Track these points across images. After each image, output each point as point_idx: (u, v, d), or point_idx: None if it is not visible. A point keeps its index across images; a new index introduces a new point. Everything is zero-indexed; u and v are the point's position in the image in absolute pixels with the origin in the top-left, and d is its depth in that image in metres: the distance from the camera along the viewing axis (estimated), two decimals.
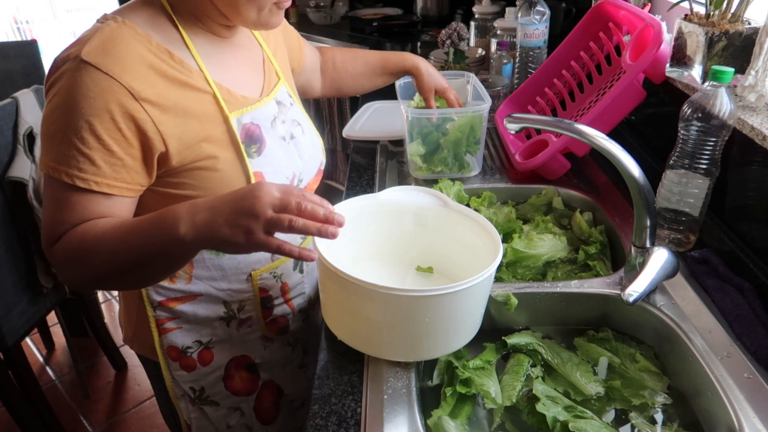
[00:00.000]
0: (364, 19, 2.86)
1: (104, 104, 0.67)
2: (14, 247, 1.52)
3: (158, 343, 0.91)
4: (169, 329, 0.90)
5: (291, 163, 0.89)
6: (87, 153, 0.68)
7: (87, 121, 0.67)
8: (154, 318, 0.89)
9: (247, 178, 0.80)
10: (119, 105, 0.68)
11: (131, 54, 0.70)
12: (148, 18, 0.75)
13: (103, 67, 0.67)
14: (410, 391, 0.73)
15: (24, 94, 1.58)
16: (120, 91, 0.68)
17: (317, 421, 0.70)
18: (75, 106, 0.67)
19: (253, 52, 0.90)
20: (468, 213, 0.87)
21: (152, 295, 0.88)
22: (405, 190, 0.92)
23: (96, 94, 0.67)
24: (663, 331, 0.84)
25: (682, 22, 1.00)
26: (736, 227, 0.95)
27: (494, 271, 0.74)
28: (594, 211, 1.14)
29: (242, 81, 0.84)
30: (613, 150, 0.77)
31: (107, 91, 0.67)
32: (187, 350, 0.92)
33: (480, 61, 1.89)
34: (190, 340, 0.92)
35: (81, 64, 0.67)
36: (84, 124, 0.67)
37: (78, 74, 0.67)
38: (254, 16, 0.75)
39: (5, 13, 3.27)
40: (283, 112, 0.90)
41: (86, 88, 0.67)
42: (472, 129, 1.21)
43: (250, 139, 0.82)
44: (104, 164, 0.70)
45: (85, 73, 0.67)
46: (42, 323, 2.19)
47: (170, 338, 0.90)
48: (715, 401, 0.72)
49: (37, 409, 1.73)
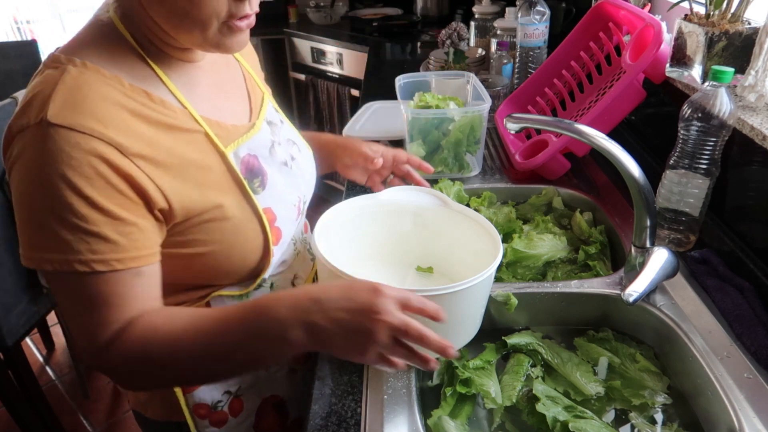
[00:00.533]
0: (364, 19, 2.87)
1: (93, 170, 0.57)
2: (14, 247, 1.52)
3: (184, 403, 0.80)
4: (196, 386, 0.80)
5: (295, 189, 0.82)
6: (93, 230, 0.58)
7: (79, 194, 0.57)
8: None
9: (258, 219, 0.73)
10: (110, 166, 0.58)
11: (106, 104, 0.59)
12: (110, 54, 0.63)
13: (79, 127, 0.57)
14: (410, 391, 0.73)
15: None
16: (107, 150, 0.58)
17: (317, 421, 0.70)
18: (57, 181, 0.56)
19: (231, 71, 0.80)
20: (468, 213, 0.87)
21: None
22: (405, 190, 0.92)
23: (80, 160, 0.56)
24: (663, 331, 0.84)
25: (682, 22, 1.00)
26: (736, 227, 0.95)
27: (494, 271, 0.74)
28: (594, 211, 1.14)
29: (228, 108, 0.75)
30: (613, 150, 0.77)
31: (92, 154, 0.57)
32: (218, 405, 0.82)
33: (480, 61, 1.89)
34: (219, 393, 0.82)
35: (50, 129, 0.56)
36: (77, 199, 0.57)
37: (50, 142, 0.56)
38: (200, 38, 0.63)
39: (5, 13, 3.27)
40: (277, 133, 0.81)
41: (66, 156, 0.56)
42: (472, 129, 1.21)
43: (252, 173, 0.73)
44: (118, 236, 0.60)
45: (59, 139, 0.56)
46: (42, 323, 2.18)
47: (197, 395, 0.80)
48: (715, 401, 0.72)
49: (37, 409, 1.73)
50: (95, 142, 0.57)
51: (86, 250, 0.58)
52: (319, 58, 2.87)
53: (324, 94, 2.85)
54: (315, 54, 2.88)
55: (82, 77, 0.60)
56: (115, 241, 0.60)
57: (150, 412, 0.85)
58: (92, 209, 0.58)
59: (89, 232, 0.58)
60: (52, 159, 0.56)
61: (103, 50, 0.63)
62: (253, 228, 0.73)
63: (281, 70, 3.10)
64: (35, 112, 0.57)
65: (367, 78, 2.18)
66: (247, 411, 0.86)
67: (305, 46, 2.91)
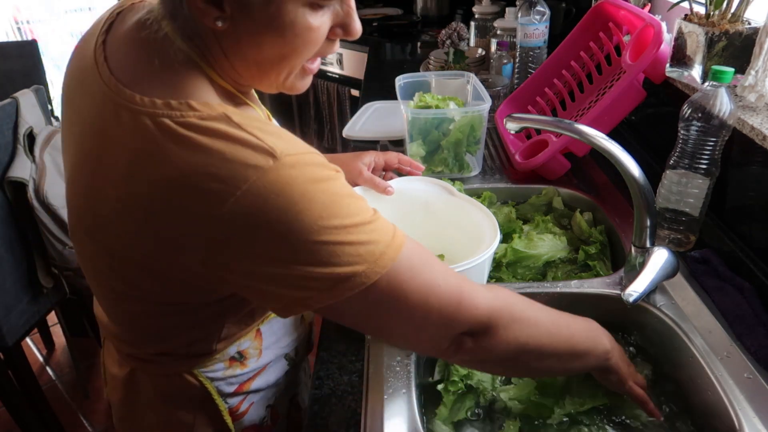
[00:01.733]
0: (364, 19, 2.85)
1: (335, 173, 0.55)
2: (14, 247, 1.52)
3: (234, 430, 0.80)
4: (245, 411, 0.80)
5: None
6: (372, 217, 0.56)
7: (346, 194, 0.54)
8: (227, 410, 0.77)
9: None
10: (335, 169, 0.56)
11: (281, 130, 0.56)
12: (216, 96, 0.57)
13: (302, 150, 0.53)
14: (410, 391, 0.73)
15: (24, 94, 1.58)
16: (325, 161, 0.56)
17: (317, 421, 0.70)
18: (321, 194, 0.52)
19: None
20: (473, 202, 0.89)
21: (223, 388, 0.76)
22: (412, 181, 0.94)
23: (323, 169, 0.54)
24: (663, 331, 0.84)
25: (682, 22, 1.00)
26: (736, 227, 0.95)
27: (486, 259, 0.75)
28: (594, 211, 1.14)
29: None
30: (613, 150, 0.77)
31: (326, 165, 0.55)
32: (263, 421, 0.84)
33: (480, 61, 1.89)
34: (263, 409, 0.83)
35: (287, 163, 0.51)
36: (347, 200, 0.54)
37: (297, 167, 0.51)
38: (278, 82, 0.61)
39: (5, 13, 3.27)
40: None
41: (317, 173, 0.53)
42: (472, 129, 1.20)
43: None
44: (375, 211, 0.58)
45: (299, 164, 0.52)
46: (42, 323, 2.18)
47: (248, 419, 0.80)
48: (715, 401, 0.72)
49: (37, 409, 1.73)
50: (318, 157, 0.55)
51: (383, 234, 0.55)
52: None
53: (324, 94, 2.85)
54: None
55: (247, 117, 0.53)
56: (379, 215, 0.57)
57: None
58: (360, 200, 0.56)
59: (374, 220, 0.55)
60: (312, 180, 0.52)
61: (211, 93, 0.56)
62: None
63: None
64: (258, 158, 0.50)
65: (367, 78, 2.18)
66: (281, 416, 0.88)
67: None
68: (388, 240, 0.55)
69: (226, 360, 0.74)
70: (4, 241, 1.48)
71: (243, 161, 0.50)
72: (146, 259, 0.57)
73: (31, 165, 1.53)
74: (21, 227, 1.54)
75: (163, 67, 0.55)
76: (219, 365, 0.74)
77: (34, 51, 2.04)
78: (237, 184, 0.49)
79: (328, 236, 0.51)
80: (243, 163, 0.50)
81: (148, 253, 0.56)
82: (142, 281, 0.61)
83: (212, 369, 0.74)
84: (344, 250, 0.52)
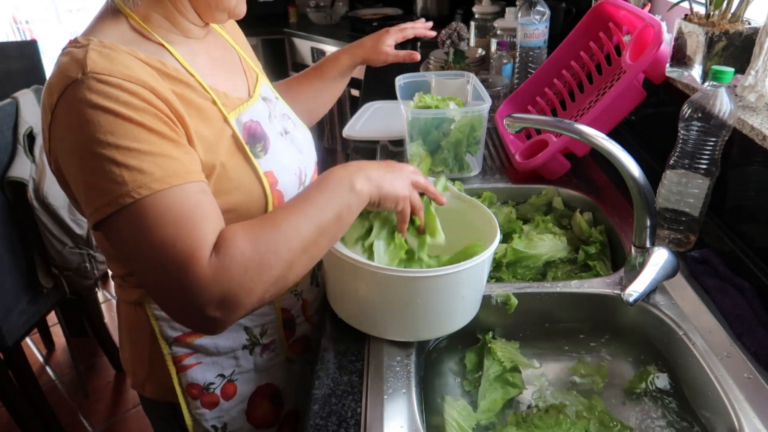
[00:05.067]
0: (364, 19, 2.87)
1: (140, 103, 0.61)
2: (14, 247, 1.52)
3: (177, 382, 0.83)
4: (189, 366, 0.82)
5: (294, 159, 0.86)
6: (157, 150, 0.61)
7: (134, 121, 0.60)
8: (170, 355, 0.81)
9: (260, 182, 0.77)
10: (151, 105, 0.62)
11: (133, 61, 0.64)
12: (120, 35, 0.68)
13: (119, 74, 0.61)
14: (410, 391, 0.73)
15: (24, 94, 1.58)
16: (144, 93, 0.62)
17: (317, 421, 0.70)
18: (111, 116, 0.59)
19: (228, 53, 0.86)
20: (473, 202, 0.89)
21: (167, 330, 0.80)
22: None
23: (127, 97, 0.60)
24: (663, 331, 0.84)
25: (682, 22, 1.00)
26: (736, 227, 0.95)
27: (486, 258, 0.75)
28: (594, 211, 1.14)
29: (230, 82, 0.81)
30: (613, 150, 0.77)
31: (137, 94, 0.61)
32: (210, 386, 0.84)
33: (480, 61, 1.89)
34: (212, 375, 0.84)
35: (92, 79, 0.60)
36: (133, 126, 0.60)
37: (97, 88, 0.60)
38: (233, 4, 0.74)
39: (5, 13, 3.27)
40: (272, 108, 0.87)
41: (114, 96, 0.60)
42: (472, 129, 1.20)
43: (254, 138, 0.78)
44: (180, 154, 0.63)
45: (105, 85, 0.60)
46: (42, 323, 2.19)
47: (190, 375, 0.82)
48: (715, 401, 0.72)
49: (37, 409, 1.73)
50: (135, 86, 0.61)
51: (157, 169, 0.60)
52: (319, 58, 2.86)
53: None
54: (315, 54, 2.88)
55: (105, 48, 0.64)
56: (177, 157, 0.62)
57: (147, 391, 0.88)
58: (150, 133, 0.61)
59: (154, 153, 0.60)
60: (103, 99, 0.59)
61: (113, 32, 0.68)
62: (255, 189, 0.77)
63: (281, 70, 3.10)
64: (74, 71, 0.60)
65: (367, 78, 2.18)
66: (240, 396, 0.87)
67: (305, 46, 2.91)
68: (160, 175, 0.60)
69: None
70: (4, 241, 1.48)
71: (63, 73, 0.61)
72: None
73: (31, 165, 1.53)
74: (21, 227, 1.54)
75: (100, 17, 0.70)
76: None
77: (34, 51, 2.04)
78: (57, 91, 0.61)
79: (102, 149, 0.59)
80: (63, 74, 0.61)
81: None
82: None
83: (158, 306, 0.78)
84: (111, 168, 0.58)
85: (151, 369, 0.84)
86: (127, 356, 0.88)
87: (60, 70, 0.63)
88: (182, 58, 0.72)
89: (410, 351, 0.79)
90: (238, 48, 0.89)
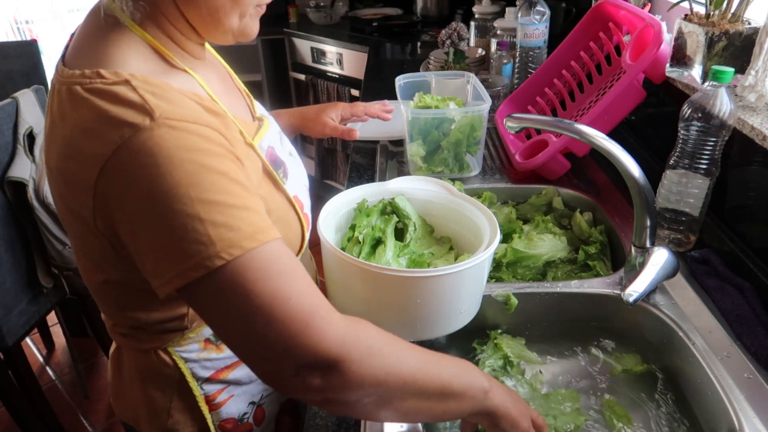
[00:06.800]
0: (364, 19, 2.87)
1: (219, 149, 0.54)
2: (14, 247, 1.52)
3: (210, 421, 0.77)
4: (222, 402, 0.78)
5: (304, 178, 0.82)
6: (244, 204, 0.53)
7: (220, 172, 0.53)
8: (203, 396, 0.76)
9: (293, 208, 0.72)
10: (227, 150, 0.56)
11: (185, 99, 0.56)
12: (147, 65, 0.59)
13: (190, 118, 0.54)
14: None
15: (24, 94, 1.58)
16: (218, 138, 0.55)
17: (317, 421, 0.70)
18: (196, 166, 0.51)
19: (223, 72, 0.79)
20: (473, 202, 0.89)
21: (198, 371, 0.75)
22: (412, 181, 0.94)
23: (206, 142, 0.53)
24: (663, 331, 0.84)
25: (682, 22, 1.00)
26: (736, 227, 0.95)
27: (486, 258, 0.75)
28: (594, 211, 1.14)
29: (239, 106, 0.75)
30: (613, 150, 0.77)
31: (212, 140, 0.54)
32: (244, 416, 0.81)
33: (480, 61, 1.89)
34: (244, 404, 0.80)
35: (164, 126, 0.51)
36: (220, 178, 0.52)
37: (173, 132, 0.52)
38: (236, 24, 0.63)
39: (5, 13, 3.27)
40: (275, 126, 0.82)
41: (193, 142, 0.52)
42: (472, 129, 1.20)
43: (275, 164, 0.73)
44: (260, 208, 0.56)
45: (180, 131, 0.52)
46: (42, 323, 2.18)
47: (224, 411, 0.78)
48: (715, 401, 0.72)
49: (37, 409, 1.73)
50: (209, 131, 0.55)
51: (245, 225, 0.52)
52: (319, 58, 2.87)
53: (324, 94, 2.85)
54: (315, 54, 2.88)
55: (151, 86, 0.54)
56: (259, 211, 0.55)
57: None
58: (233, 183, 0.54)
59: (239, 206, 0.53)
60: (184, 148, 0.52)
61: (136, 59, 0.58)
62: (292, 217, 0.73)
63: (281, 70, 3.10)
64: (137, 117, 0.51)
65: (367, 78, 2.18)
66: (268, 418, 0.85)
67: (305, 46, 2.91)
68: (249, 232, 0.52)
69: (200, 341, 0.74)
70: (4, 241, 1.48)
71: (120, 119, 0.52)
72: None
73: (31, 165, 1.53)
74: (21, 227, 1.54)
75: (97, 37, 0.59)
76: (193, 345, 0.73)
77: (34, 51, 2.04)
78: (112, 140, 0.51)
79: (183, 206, 0.50)
80: (120, 120, 0.51)
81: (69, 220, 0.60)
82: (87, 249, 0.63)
83: (186, 349, 0.73)
84: (195, 226, 0.50)
85: (177, 415, 0.77)
86: (139, 405, 0.78)
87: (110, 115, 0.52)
88: (206, 86, 0.65)
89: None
90: (228, 69, 0.83)
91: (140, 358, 0.75)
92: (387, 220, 0.86)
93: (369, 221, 0.85)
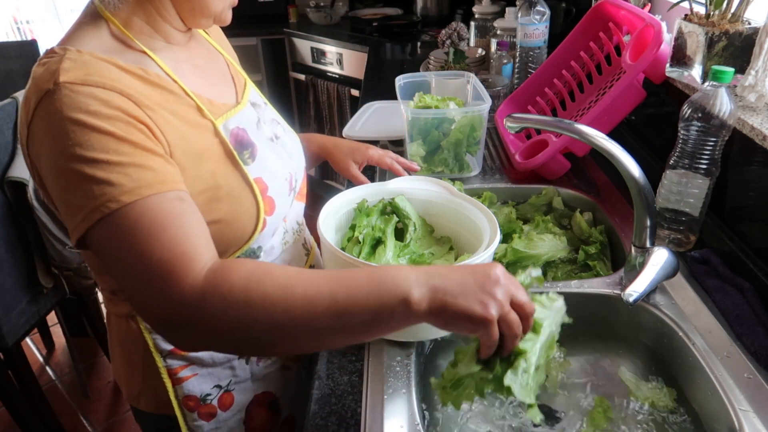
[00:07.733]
0: (364, 19, 2.87)
1: (113, 111, 0.59)
2: (14, 247, 1.52)
3: (173, 395, 0.81)
4: (184, 378, 0.81)
5: (284, 164, 0.85)
6: (128, 161, 0.58)
7: (104, 131, 0.58)
8: (165, 368, 0.80)
9: (250, 189, 0.75)
10: (126, 113, 0.60)
11: (109, 69, 0.62)
12: (100, 43, 0.65)
13: (92, 82, 0.59)
14: (410, 391, 0.73)
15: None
16: (120, 101, 0.60)
17: (317, 421, 0.70)
18: (81, 128, 0.57)
19: (214, 58, 0.84)
20: (473, 202, 0.89)
21: (161, 343, 0.79)
22: (412, 181, 0.94)
23: (98, 106, 0.58)
24: (663, 331, 0.84)
25: (682, 22, 1.00)
26: (736, 227, 0.95)
27: (485, 259, 0.75)
28: (594, 211, 1.14)
29: (216, 89, 0.79)
30: (613, 150, 0.78)
31: (109, 103, 0.59)
32: (207, 397, 0.83)
33: (480, 61, 1.89)
34: (208, 386, 0.83)
35: (65, 87, 0.58)
36: (103, 136, 0.57)
37: (68, 98, 0.58)
38: (215, 8, 0.71)
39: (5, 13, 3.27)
40: (261, 113, 0.85)
41: (85, 105, 0.58)
42: (472, 129, 1.20)
43: (241, 145, 0.76)
44: (153, 164, 0.60)
45: (76, 94, 0.58)
46: (42, 323, 2.19)
47: (186, 387, 0.81)
48: (715, 401, 0.72)
49: (37, 409, 1.73)
50: (109, 93, 0.59)
51: (127, 180, 0.57)
52: (319, 58, 2.87)
53: (324, 94, 2.85)
54: (315, 54, 2.88)
55: (82, 58, 0.62)
56: (152, 167, 0.59)
57: (143, 404, 0.86)
58: (121, 142, 0.58)
59: (125, 164, 0.58)
60: (73, 110, 0.57)
61: (93, 39, 0.65)
62: (245, 197, 0.75)
63: (281, 70, 3.10)
64: (47, 82, 0.59)
65: (367, 78, 2.18)
66: (237, 406, 0.87)
67: (305, 46, 2.91)
68: (130, 187, 0.57)
69: None
70: (4, 241, 1.48)
71: (37, 86, 0.60)
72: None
73: None
74: (21, 227, 1.54)
75: (80, 24, 0.67)
76: None
77: (34, 51, 2.04)
78: (32, 106, 0.60)
79: (72, 164, 0.57)
80: (37, 87, 0.60)
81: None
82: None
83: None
84: (82, 182, 0.57)
85: (146, 382, 0.83)
86: (120, 370, 0.87)
87: (34, 82, 0.61)
88: (165, 65, 0.71)
89: (410, 351, 0.79)
90: (225, 53, 0.87)
91: (119, 323, 0.82)
92: (387, 220, 0.86)
93: (369, 221, 0.85)
